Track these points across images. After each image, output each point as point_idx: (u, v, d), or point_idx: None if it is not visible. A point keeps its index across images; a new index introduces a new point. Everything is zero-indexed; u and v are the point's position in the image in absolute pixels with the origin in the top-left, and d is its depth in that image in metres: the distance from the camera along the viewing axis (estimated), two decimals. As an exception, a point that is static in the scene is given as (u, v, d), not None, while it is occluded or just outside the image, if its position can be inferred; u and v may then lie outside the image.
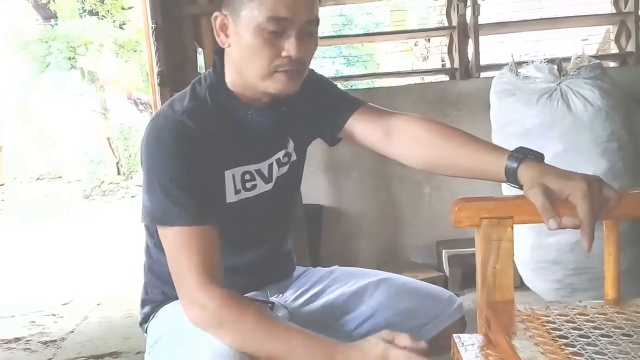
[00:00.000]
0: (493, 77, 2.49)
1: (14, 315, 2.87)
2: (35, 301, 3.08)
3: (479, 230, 1.03)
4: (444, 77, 3.13)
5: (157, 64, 2.60)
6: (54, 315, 2.82)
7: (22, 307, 3.02)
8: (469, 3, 2.83)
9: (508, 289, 1.03)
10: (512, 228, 1.02)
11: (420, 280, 2.50)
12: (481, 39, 2.91)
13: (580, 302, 1.04)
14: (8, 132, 10.59)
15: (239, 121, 1.13)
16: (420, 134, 1.18)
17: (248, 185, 1.16)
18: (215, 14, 1.09)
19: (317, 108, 1.24)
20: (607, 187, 0.96)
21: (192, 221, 1.02)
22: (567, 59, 2.43)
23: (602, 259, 1.05)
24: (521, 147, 1.07)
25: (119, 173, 9.35)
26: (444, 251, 2.70)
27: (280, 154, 1.20)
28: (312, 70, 1.36)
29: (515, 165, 1.04)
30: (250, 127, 1.14)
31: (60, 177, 10.64)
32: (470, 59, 2.91)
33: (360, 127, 1.22)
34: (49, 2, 9.15)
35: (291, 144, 1.23)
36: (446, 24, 2.99)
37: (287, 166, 1.23)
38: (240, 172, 1.15)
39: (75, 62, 8.41)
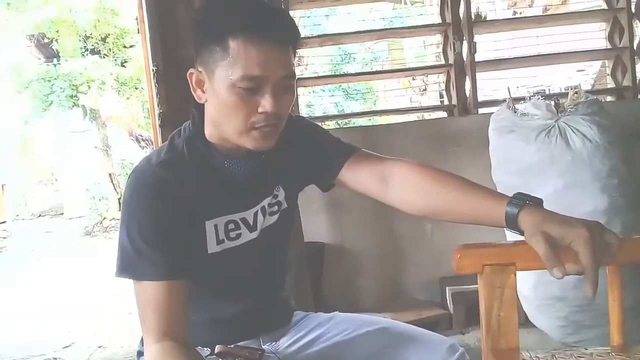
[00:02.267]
0: (491, 113, 2.51)
1: (16, 359, 2.83)
2: (37, 344, 3.04)
3: (482, 277, 1.03)
4: (443, 114, 3.15)
5: (158, 106, 2.62)
6: (55, 359, 2.78)
7: (23, 350, 2.98)
8: (464, 41, 2.86)
9: (513, 336, 1.02)
10: (515, 275, 1.02)
11: (425, 317, 2.53)
12: (478, 75, 2.95)
13: (586, 349, 1.03)
14: (10, 169, 10.64)
15: (217, 171, 1.14)
16: (417, 180, 1.18)
17: (232, 234, 1.17)
18: (191, 70, 1.10)
19: (310, 155, 1.25)
20: (609, 233, 0.97)
21: (159, 276, 1.04)
22: (565, 94, 2.46)
23: (607, 295, 1.05)
24: (519, 193, 1.08)
25: (120, 209, 9.31)
26: (447, 288, 2.68)
27: (265, 202, 1.20)
28: (303, 117, 1.39)
29: (515, 211, 1.04)
30: (230, 176, 1.15)
31: (62, 213, 10.63)
32: (467, 95, 2.94)
33: (354, 173, 1.22)
34: (51, 42, 9.26)
35: (282, 193, 1.24)
36: (443, 62, 3.02)
37: (277, 215, 1.24)
38: (223, 221, 1.15)
39: (78, 100, 8.49)
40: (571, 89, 2.51)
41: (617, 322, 1.03)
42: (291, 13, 3.03)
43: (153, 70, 2.61)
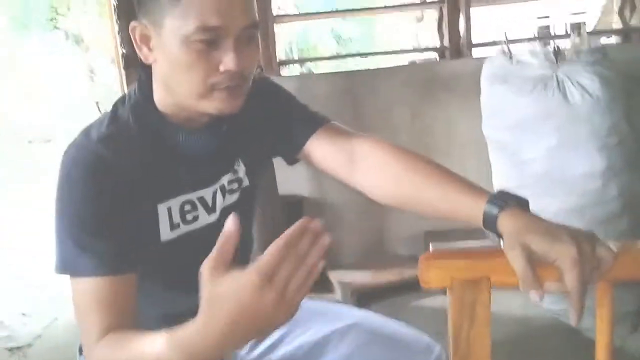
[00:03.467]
0: (485, 57, 2.31)
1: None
2: (9, 292, 2.95)
3: (451, 292, 0.89)
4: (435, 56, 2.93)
5: (121, 45, 2.40)
6: (24, 315, 2.69)
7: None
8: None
9: (484, 358, 0.89)
10: (489, 291, 0.87)
11: (407, 277, 2.43)
12: (473, 12, 2.70)
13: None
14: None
15: (170, 146, 0.96)
16: (389, 164, 1.02)
17: (189, 217, 1.00)
18: (133, 23, 0.90)
19: (273, 125, 1.08)
20: (601, 247, 0.81)
21: (103, 271, 0.88)
22: (566, 37, 2.25)
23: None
24: (503, 191, 0.92)
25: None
26: (431, 244, 2.57)
27: (225, 179, 1.04)
28: (267, 79, 1.18)
29: (495, 212, 0.89)
30: (185, 150, 0.97)
31: (50, 140, 10.48)
32: (461, 35, 2.70)
33: (320, 149, 1.06)
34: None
35: (242, 168, 1.07)
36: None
37: (237, 193, 1.07)
38: (178, 203, 0.98)
39: (57, 22, 8.08)
40: (574, 30, 2.30)
41: (604, 344, 0.89)
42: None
43: (114, 4, 2.36)
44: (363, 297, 2.40)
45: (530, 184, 2.02)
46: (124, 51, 2.40)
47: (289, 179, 2.56)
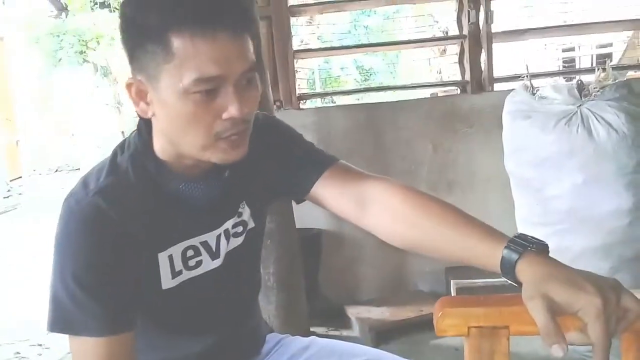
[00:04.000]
0: (507, 90, 2.28)
1: (0, 344, 2.76)
2: (26, 325, 2.96)
3: (467, 341, 0.85)
4: (456, 90, 2.91)
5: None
6: (40, 345, 2.70)
7: (9, 332, 2.90)
8: (481, 9, 2.59)
9: (503, 411, 0.84)
10: (508, 340, 0.83)
11: (426, 313, 2.37)
12: (495, 47, 2.69)
13: None
14: (25, 125, 10.62)
15: (171, 195, 0.94)
16: (400, 208, 0.98)
17: (191, 262, 0.97)
18: (128, 80, 0.88)
19: (277, 165, 1.05)
20: (627, 296, 0.77)
21: (101, 332, 0.85)
22: (590, 71, 2.22)
23: None
24: (522, 235, 0.88)
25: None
26: (452, 281, 2.51)
27: (229, 224, 1.01)
28: (272, 117, 1.16)
29: (513, 258, 0.85)
30: (186, 200, 0.95)
31: (78, 169, 10.68)
32: (482, 70, 2.69)
33: (329, 191, 1.03)
34: (60, -7, 9.08)
35: (247, 210, 1.04)
36: (457, 32, 2.76)
37: (242, 237, 1.04)
38: (180, 249, 0.96)
39: (87, 56, 8.31)
40: (598, 65, 2.26)
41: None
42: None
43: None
44: (381, 334, 2.34)
45: (554, 221, 1.97)
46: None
47: (307, 212, 2.52)
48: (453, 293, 2.52)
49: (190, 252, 0.97)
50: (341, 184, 1.03)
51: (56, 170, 11.29)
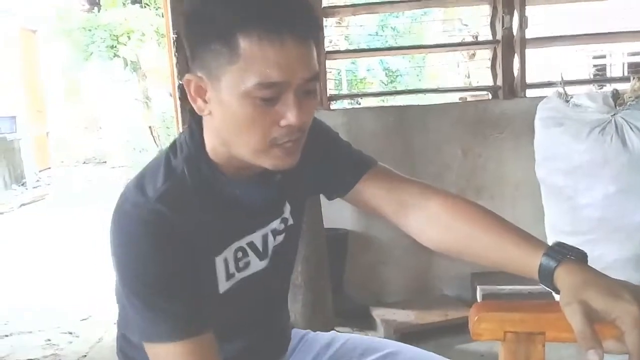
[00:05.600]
0: (540, 97, 2.27)
1: (32, 331, 2.82)
2: (55, 312, 3.03)
3: (503, 345, 0.86)
4: (487, 95, 2.90)
5: (178, 77, 2.47)
6: (71, 333, 2.76)
7: (40, 320, 2.96)
8: (515, 15, 2.58)
9: (537, 416, 0.85)
10: (544, 346, 0.84)
11: (451, 318, 2.38)
12: (528, 52, 2.67)
13: None
14: (55, 117, 10.81)
15: (225, 199, 0.94)
16: (440, 213, 1.00)
17: (241, 264, 0.98)
18: (188, 77, 0.88)
19: (319, 165, 1.07)
20: None
21: (185, 334, 0.85)
22: (623, 79, 2.20)
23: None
24: (560, 243, 0.89)
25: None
26: (478, 287, 2.51)
27: (275, 223, 1.02)
28: (316, 119, 1.18)
29: (552, 265, 0.86)
30: (239, 203, 0.96)
31: (105, 162, 10.84)
32: (515, 75, 2.67)
33: (369, 192, 1.05)
34: (93, -12, 9.22)
35: (287, 208, 1.06)
36: (490, 37, 2.75)
37: (283, 234, 1.06)
38: (232, 251, 0.96)
39: (117, 50, 8.42)
40: (632, 73, 2.24)
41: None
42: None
43: (173, 38, 2.44)
44: (406, 336, 2.35)
45: (585, 230, 1.96)
46: (181, 82, 2.47)
47: (334, 213, 2.54)
48: (479, 299, 2.51)
49: (239, 254, 0.97)
50: (381, 186, 1.05)
51: (84, 163, 11.48)
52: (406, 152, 2.67)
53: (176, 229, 0.86)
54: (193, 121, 0.94)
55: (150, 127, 9.31)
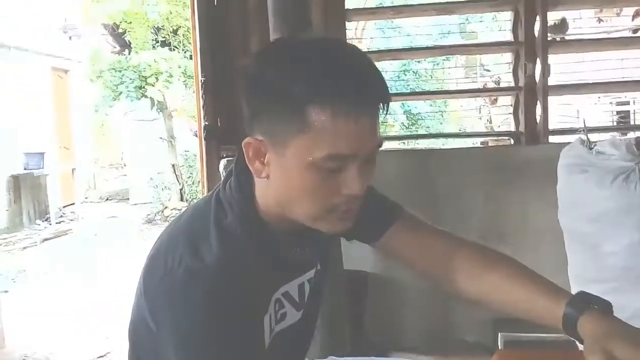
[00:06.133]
0: (563, 144, 2.27)
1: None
2: (72, 348, 3.02)
3: (527, 395, 0.85)
4: (509, 141, 2.91)
5: (204, 118, 2.53)
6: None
7: (56, 355, 2.95)
8: (538, 62, 2.61)
9: None
10: (568, 396, 0.83)
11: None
12: (551, 99, 2.69)
13: None
14: (81, 154, 11.04)
15: (276, 257, 0.93)
16: (467, 263, 1.02)
17: (279, 315, 0.97)
18: (248, 140, 0.86)
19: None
20: None
21: None
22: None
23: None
24: (584, 293, 0.90)
25: (181, 199, 9.48)
26: (500, 334, 2.46)
27: (311, 272, 1.03)
28: None
29: (575, 314, 0.86)
30: (286, 260, 0.95)
31: (128, 199, 10.97)
32: (537, 121, 2.69)
33: (398, 241, 1.06)
34: (124, 32, 9.49)
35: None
36: (513, 83, 2.78)
37: (313, 282, 1.06)
38: (273, 304, 0.95)
39: (145, 91, 8.63)
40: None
41: None
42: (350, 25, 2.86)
43: (201, 80, 2.52)
44: (426, 384, 2.31)
45: (609, 278, 1.92)
46: (206, 123, 2.54)
47: (354, 254, 2.52)
48: (500, 346, 2.46)
49: (277, 306, 0.96)
50: (410, 235, 1.06)
51: (107, 199, 11.63)
52: (427, 196, 2.67)
53: (238, 295, 0.83)
54: (243, 179, 0.92)
55: (173, 165, 9.44)
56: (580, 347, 0.84)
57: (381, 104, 0.85)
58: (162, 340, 0.85)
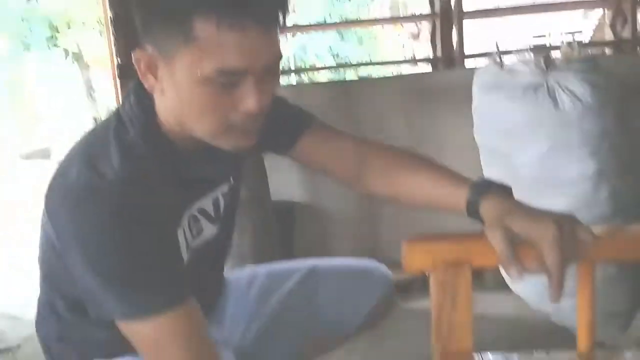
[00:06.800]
0: (479, 68, 2.33)
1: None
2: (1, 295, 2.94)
3: (433, 275, 0.90)
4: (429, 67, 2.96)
5: (116, 56, 2.41)
6: (13, 317, 2.67)
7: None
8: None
9: (466, 341, 0.89)
10: (470, 273, 0.88)
11: (401, 279, 2.42)
12: (467, 25, 2.74)
13: (548, 353, 0.92)
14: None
15: (183, 173, 0.92)
16: (374, 160, 1.07)
17: (194, 232, 0.97)
18: (138, 53, 0.82)
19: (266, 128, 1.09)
20: (581, 229, 0.83)
21: (179, 299, 0.82)
22: (557, 47, 2.28)
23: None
24: (485, 179, 0.94)
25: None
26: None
27: (225, 186, 1.04)
28: None
29: (476, 198, 0.90)
30: (194, 175, 0.94)
31: (49, 156, 10.50)
32: (454, 47, 2.74)
33: (311, 148, 1.09)
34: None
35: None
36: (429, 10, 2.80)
37: (228, 196, 1.06)
38: (186, 219, 0.94)
39: (57, 41, 8.14)
40: (566, 42, 2.33)
41: (585, 325, 0.90)
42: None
43: (111, 17, 2.38)
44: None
45: (522, 188, 1.99)
46: (119, 61, 2.42)
47: (281, 185, 2.55)
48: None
49: (192, 221, 0.96)
50: (322, 141, 1.09)
51: (27, 158, 11.09)
52: (351, 126, 2.66)
53: (144, 209, 0.81)
54: (141, 92, 0.88)
55: (94, 118, 9.09)
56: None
57: (278, 13, 0.80)
58: (70, 259, 0.83)
